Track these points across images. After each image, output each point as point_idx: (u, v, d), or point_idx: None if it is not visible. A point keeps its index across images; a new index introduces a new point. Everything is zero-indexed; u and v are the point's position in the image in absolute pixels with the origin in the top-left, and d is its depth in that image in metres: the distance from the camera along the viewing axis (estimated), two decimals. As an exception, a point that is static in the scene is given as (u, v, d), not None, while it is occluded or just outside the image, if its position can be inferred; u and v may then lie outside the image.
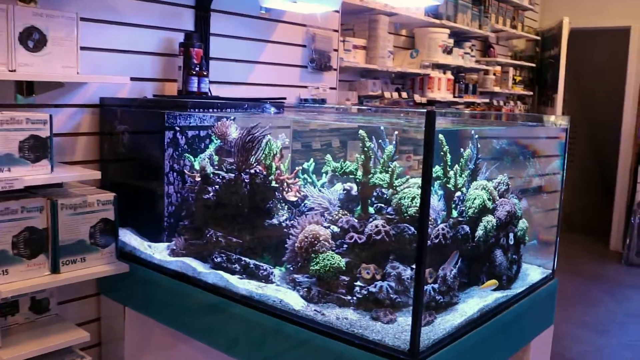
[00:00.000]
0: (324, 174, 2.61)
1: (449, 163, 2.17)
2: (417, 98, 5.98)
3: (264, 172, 2.44)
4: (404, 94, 5.82)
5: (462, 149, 2.26)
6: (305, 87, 3.94)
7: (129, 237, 2.79)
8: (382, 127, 2.35)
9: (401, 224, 2.21)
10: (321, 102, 3.97)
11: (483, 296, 2.29)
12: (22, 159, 2.32)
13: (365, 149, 2.24)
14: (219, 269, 2.43)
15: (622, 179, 8.05)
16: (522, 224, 2.47)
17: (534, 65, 7.99)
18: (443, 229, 2.06)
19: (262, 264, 2.37)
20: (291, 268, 2.36)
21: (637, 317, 5.58)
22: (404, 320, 2.06)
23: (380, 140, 2.34)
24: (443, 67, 6.28)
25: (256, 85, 3.62)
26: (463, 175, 2.22)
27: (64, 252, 2.47)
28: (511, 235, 2.40)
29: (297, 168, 2.58)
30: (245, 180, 2.43)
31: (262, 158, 2.43)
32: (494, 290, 2.33)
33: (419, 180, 2.28)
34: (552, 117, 3.18)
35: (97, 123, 2.89)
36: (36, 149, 2.36)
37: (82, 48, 2.62)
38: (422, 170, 1.79)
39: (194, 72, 2.95)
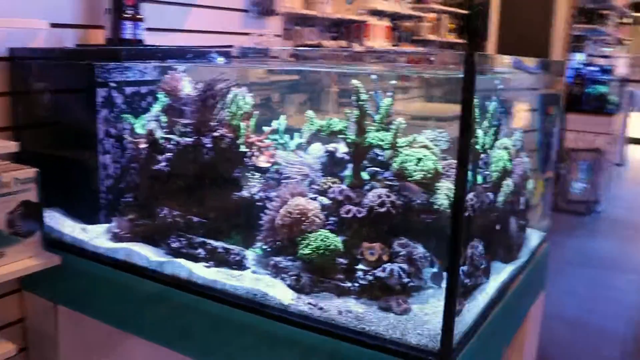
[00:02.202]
0: (295, 134, 2.19)
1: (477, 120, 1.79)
2: (356, 47, 5.59)
3: (231, 135, 1.98)
4: (342, 43, 5.42)
5: (485, 102, 1.89)
6: (248, 34, 3.44)
7: (57, 220, 2.27)
8: (374, 77, 1.95)
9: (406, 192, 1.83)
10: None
11: (497, 270, 1.97)
12: None
13: (361, 102, 1.83)
14: (177, 256, 1.97)
15: (551, 127, 8.05)
16: (530, 184, 2.16)
17: (465, 12, 7.75)
18: (471, 199, 1.70)
19: (232, 247, 1.94)
20: (268, 250, 1.94)
21: (572, 264, 5.57)
22: (420, 308, 1.71)
23: (372, 92, 1.93)
24: (379, 14, 5.91)
25: (193, 32, 3.10)
26: (490, 134, 1.86)
27: (-25, 246, 1.94)
28: (522, 200, 2.09)
29: (269, 128, 2.14)
30: (207, 145, 1.96)
31: (228, 118, 1.97)
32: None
33: (423, 139, 1.91)
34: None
35: (7, 80, 2.31)
36: None
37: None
38: (460, 130, 1.40)
39: (128, 16, 2.40)
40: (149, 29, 2.79)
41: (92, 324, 2.27)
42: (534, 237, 2.38)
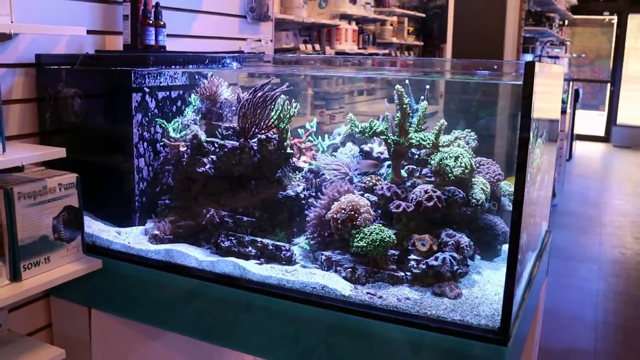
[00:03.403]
0: (326, 136, 2.29)
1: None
2: (327, 50, 5.72)
3: (277, 138, 2.06)
4: (317, 46, 5.53)
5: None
6: (245, 39, 3.51)
7: (90, 224, 2.29)
8: (406, 81, 2.07)
9: (449, 187, 1.96)
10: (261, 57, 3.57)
11: (528, 259, 2.13)
12: (-34, 137, 1.76)
13: (404, 105, 1.95)
14: (226, 255, 2.04)
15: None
16: (546, 178, 2.33)
17: (423, 15, 8.00)
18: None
19: (281, 244, 2.02)
20: (316, 245, 2.03)
21: (545, 255, 5.86)
22: (469, 292, 1.84)
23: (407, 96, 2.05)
24: (348, 18, 6.06)
25: (197, 38, 3.15)
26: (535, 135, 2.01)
27: (24, 253, 1.95)
28: (542, 192, 2.25)
29: (309, 130, 2.23)
30: (254, 147, 2.04)
31: (275, 121, 2.05)
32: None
33: (458, 140, 2.05)
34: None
35: (34, 86, 2.31)
36: (-18, 123, 1.80)
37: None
38: (521, 131, 1.55)
39: (151, 22, 2.44)
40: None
41: (125, 326, 2.30)
42: (544, 227, 2.56)
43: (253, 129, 2.03)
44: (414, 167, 2.09)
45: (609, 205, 8.20)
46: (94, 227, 2.30)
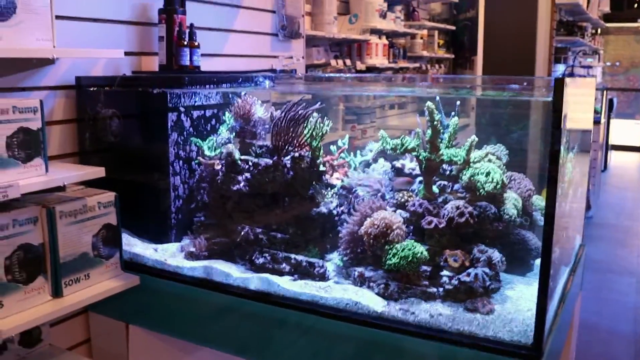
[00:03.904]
0: (358, 152, 2.31)
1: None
2: (358, 65, 5.75)
3: (310, 155, 2.10)
4: (347, 62, 5.57)
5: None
6: (276, 57, 3.57)
7: (127, 241, 2.35)
8: (437, 98, 2.08)
9: (481, 203, 1.97)
10: (293, 74, 3.62)
11: (561, 273, 2.12)
12: (11, 158, 1.83)
13: (435, 122, 1.97)
14: (260, 271, 2.08)
15: (538, 135, 8.31)
16: (578, 192, 2.32)
17: (453, 27, 7.99)
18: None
19: (315, 260, 2.05)
20: (349, 261, 2.06)
21: (581, 269, 5.77)
22: (502, 308, 1.84)
23: (438, 112, 2.07)
24: (378, 32, 6.08)
25: (230, 56, 3.22)
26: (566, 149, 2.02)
27: (65, 270, 2.01)
28: (574, 206, 2.25)
29: (342, 147, 2.26)
30: (287, 165, 2.08)
31: (308, 139, 2.08)
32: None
33: (488, 155, 2.05)
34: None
35: (74, 107, 2.39)
36: (27, 144, 1.88)
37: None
38: (551, 149, 1.56)
39: (185, 43, 2.51)
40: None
41: (163, 343, 2.35)
42: (577, 241, 2.54)
43: (286, 146, 2.06)
44: (446, 183, 2.10)
45: (646, 216, 8.03)
46: (132, 244, 2.36)
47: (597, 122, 7.65)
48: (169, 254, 2.29)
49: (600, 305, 5.02)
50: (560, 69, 8.66)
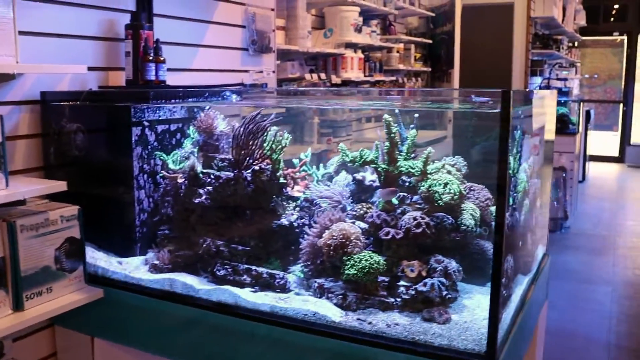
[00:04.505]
0: (320, 166, 2.34)
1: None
2: (333, 79, 5.80)
3: (270, 168, 2.12)
4: (322, 75, 5.61)
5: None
6: (247, 71, 3.60)
7: (92, 254, 2.36)
8: (396, 110, 2.12)
9: (438, 214, 2.00)
10: (264, 88, 3.65)
11: (520, 282, 2.15)
12: (-30, 173, 1.84)
13: (392, 135, 2.01)
14: (222, 283, 2.09)
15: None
16: (538, 202, 2.37)
17: (429, 41, 8.09)
18: (508, 219, 1.88)
19: (275, 272, 2.07)
20: (309, 272, 2.08)
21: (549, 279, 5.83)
22: (459, 317, 1.87)
23: (396, 125, 2.11)
24: (354, 46, 6.14)
25: (199, 71, 3.24)
26: (517, 160, 2.06)
27: (27, 283, 2.02)
28: (534, 216, 2.28)
29: (303, 159, 2.29)
30: (247, 178, 2.10)
31: (267, 152, 2.11)
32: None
33: (447, 166, 2.09)
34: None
35: (39, 122, 2.41)
36: (-14, 159, 1.89)
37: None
38: (499, 159, 1.60)
39: (151, 58, 2.54)
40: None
41: (128, 355, 2.35)
42: (539, 250, 2.58)
43: (247, 159, 2.09)
44: (405, 194, 2.13)
45: (623, 226, 8.13)
46: (97, 257, 2.37)
47: (573, 133, 7.76)
48: (134, 267, 2.30)
49: (576, 314, 5.07)
50: (536, 81, 8.78)
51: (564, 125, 7.81)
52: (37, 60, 2.35)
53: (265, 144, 2.10)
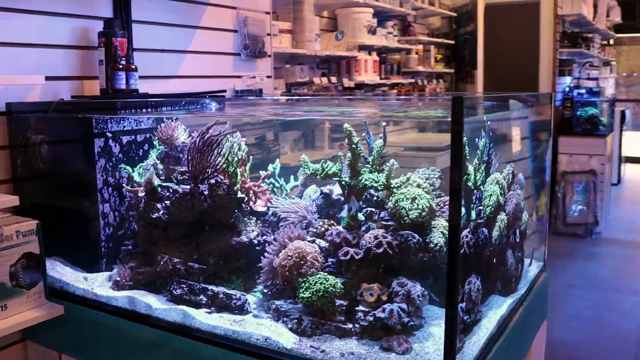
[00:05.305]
0: (291, 178, 2.22)
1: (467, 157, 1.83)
2: (346, 82, 5.67)
3: (227, 182, 2.02)
4: (333, 79, 5.49)
5: (475, 140, 1.93)
6: (240, 76, 3.51)
7: (58, 269, 2.29)
8: (365, 120, 1.99)
9: (402, 232, 1.86)
10: (258, 93, 3.55)
11: (498, 305, 1.99)
12: None
13: (353, 145, 1.88)
14: (179, 303, 2.00)
15: (544, 151, 8.11)
16: (525, 216, 2.20)
17: (452, 42, 7.87)
18: (466, 236, 1.74)
19: (233, 292, 1.96)
20: (269, 293, 1.96)
21: (575, 287, 5.57)
22: (421, 347, 1.73)
23: (364, 134, 1.98)
24: (368, 49, 6.00)
25: (186, 77, 3.16)
26: (480, 170, 1.91)
27: (-22, 301, 1.96)
28: (517, 232, 2.12)
29: (266, 172, 2.18)
30: (204, 192, 2.00)
31: (224, 164, 2.01)
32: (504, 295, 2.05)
33: (417, 179, 1.95)
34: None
35: (5, 134, 2.35)
36: None
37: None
38: (451, 171, 1.45)
39: (121, 67, 2.46)
40: (146, 77, 2.85)
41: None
42: (532, 268, 2.41)
43: (203, 173, 1.99)
44: (373, 209, 2.00)
45: (658, 232, 7.76)
46: (63, 272, 2.30)
47: (603, 135, 7.44)
48: (98, 283, 2.23)
49: (604, 325, 4.82)
50: (566, 81, 8.46)
51: (593, 126, 7.50)
52: (6, 71, 2.30)
53: (220, 157, 1.99)
